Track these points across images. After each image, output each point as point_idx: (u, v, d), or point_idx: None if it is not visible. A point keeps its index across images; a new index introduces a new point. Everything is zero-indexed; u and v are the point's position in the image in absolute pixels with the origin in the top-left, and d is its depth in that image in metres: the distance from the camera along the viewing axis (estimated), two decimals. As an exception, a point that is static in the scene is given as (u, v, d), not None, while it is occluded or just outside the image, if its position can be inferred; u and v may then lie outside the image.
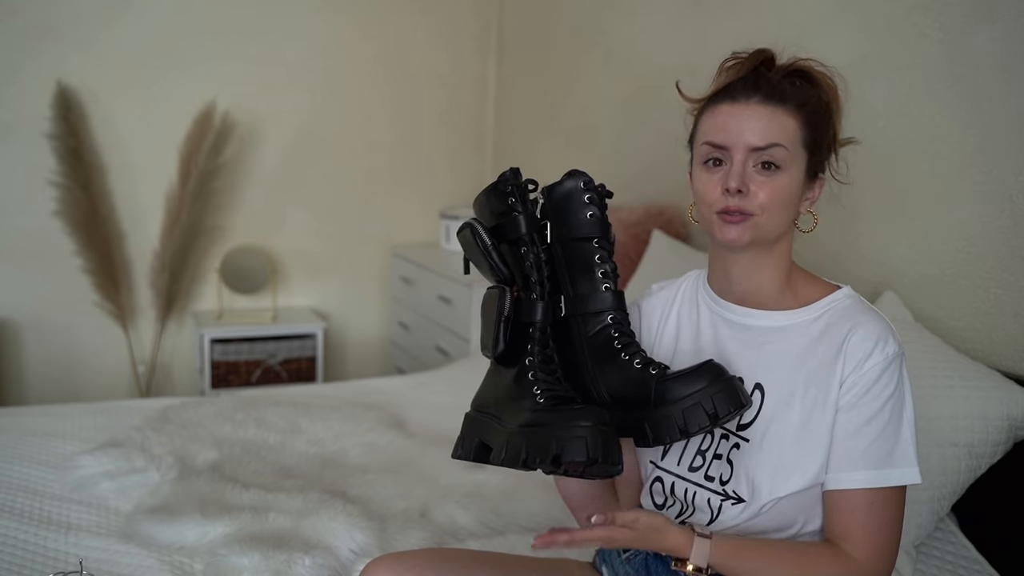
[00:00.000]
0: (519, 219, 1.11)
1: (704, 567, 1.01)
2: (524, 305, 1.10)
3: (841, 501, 1.04)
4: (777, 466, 1.05)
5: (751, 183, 1.05)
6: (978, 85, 1.67)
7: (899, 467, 1.04)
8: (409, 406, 2.36)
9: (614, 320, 1.10)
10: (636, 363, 1.06)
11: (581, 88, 3.10)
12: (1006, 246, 1.62)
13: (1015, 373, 1.57)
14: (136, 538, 1.57)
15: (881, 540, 1.03)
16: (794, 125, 1.06)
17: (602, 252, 1.11)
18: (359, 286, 3.70)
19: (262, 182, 3.45)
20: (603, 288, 1.11)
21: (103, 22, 3.13)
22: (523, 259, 1.11)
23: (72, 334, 3.27)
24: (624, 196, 2.81)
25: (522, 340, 1.10)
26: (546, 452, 0.96)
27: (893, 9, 1.84)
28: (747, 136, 1.05)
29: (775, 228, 1.08)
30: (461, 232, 1.16)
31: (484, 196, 1.15)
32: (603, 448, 0.96)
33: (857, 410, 1.04)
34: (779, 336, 1.10)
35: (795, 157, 1.06)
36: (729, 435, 1.10)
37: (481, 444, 1.11)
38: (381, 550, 1.52)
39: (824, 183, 1.13)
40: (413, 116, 3.62)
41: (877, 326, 1.06)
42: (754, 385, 1.10)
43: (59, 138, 3.04)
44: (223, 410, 2.16)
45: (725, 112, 1.08)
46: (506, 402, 1.08)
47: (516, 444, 1.00)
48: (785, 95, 1.07)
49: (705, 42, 2.44)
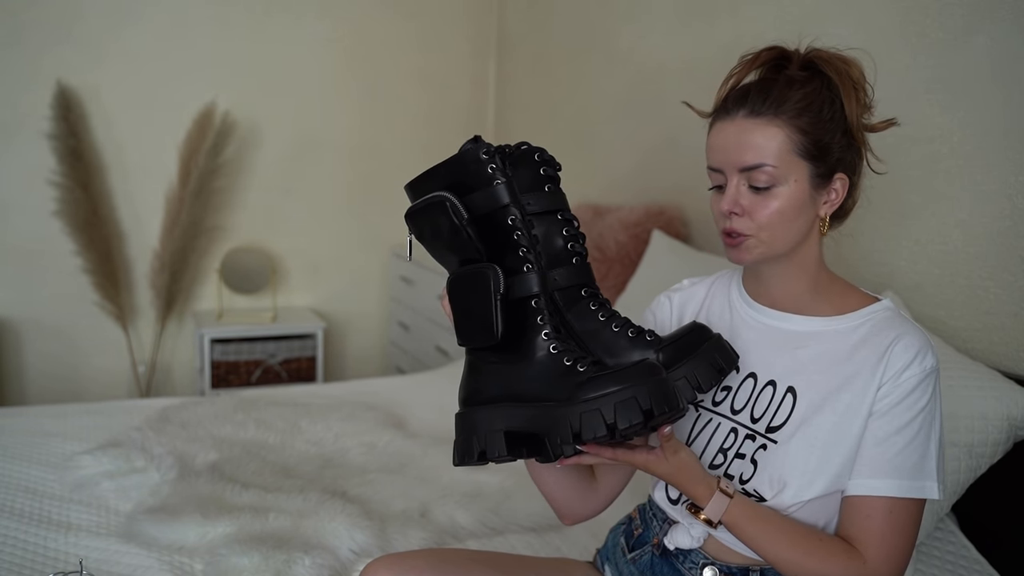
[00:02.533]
0: (501, 188, 1.00)
1: (715, 522, 1.03)
2: (515, 280, 1.00)
3: (860, 505, 1.04)
4: (804, 470, 1.05)
5: (745, 202, 1.05)
6: (977, 85, 1.67)
7: (922, 480, 1.03)
8: (409, 406, 2.36)
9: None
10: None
11: (581, 88, 3.10)
12: (1006, 246, 1.62)
13: (1015, 373, 1.57)
14: (136, 538, 1.57)
15: (893, 547, 1.02)
16: (782, 136, 1.02)
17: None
18: (359, 286, 3.70)
19: (262, 182, 3.45)
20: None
21: (103, 22, 3.13)
22: (509, 230, 1.00)
23: (72, 334, 3.27)
24: (624, 196, 2.81)
25: (516, 319, 1.00)
26: (634, 411, 0.90)
27: (893, 9, 1.84)
28: (732, 156, 1.04)
29: (782, 243, 1.06)
30: (420, 213, 1.03)
31: (442, 172, 1.03)
32: (681, 393, 0.99)
33: (889, 418, 1.04)
34: (815, 341, 1.09)
35: (789, 170, 1.03)
36: (756, 435, 1.09)
37: (512, 436, 0.98)
38: (381, 550, 1.52)
39: (847, 181, 1.07)
40: (412, 117, 3.62)
41: (919, 339, 1.05)
42: (787, 388, 1.09)
43: (59, 138, 3.04)
44: (223, 410, 2.16)
45: (716, 131, 1.07)
46: (531, 385, 0.98)
47: (591, 415, 0.91)
48: (776, 102, 1.03)
49: (705, 42, 2.44)
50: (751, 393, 1.11)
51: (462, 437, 1.02)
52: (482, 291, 0.98)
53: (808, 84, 1.04)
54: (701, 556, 1.12)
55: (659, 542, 1.16)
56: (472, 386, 1.04)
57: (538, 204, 1.04)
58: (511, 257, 1.01)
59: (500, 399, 1.00)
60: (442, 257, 1.06)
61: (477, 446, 0.99)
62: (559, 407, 0.94)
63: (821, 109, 1.04)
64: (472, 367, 1.04)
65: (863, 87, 1.06)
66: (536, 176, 1.05)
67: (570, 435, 0.92)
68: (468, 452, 1.00)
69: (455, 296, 1.02)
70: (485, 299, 0.98)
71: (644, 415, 0.91)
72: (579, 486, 1.18)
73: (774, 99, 1.03)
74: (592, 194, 2.97)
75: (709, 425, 1.13)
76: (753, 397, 1.11)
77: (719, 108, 1.08)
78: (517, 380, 0.99)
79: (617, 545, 1.24)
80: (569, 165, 3.24)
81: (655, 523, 1.18)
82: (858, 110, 1.06)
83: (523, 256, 1.00)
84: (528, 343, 0.99)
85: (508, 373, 1.00)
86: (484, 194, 1.00)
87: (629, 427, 0.90)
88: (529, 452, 0.98)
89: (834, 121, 1.05)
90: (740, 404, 1.12)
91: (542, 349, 0.98)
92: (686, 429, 1.15)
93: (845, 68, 1.05)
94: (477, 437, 1.00)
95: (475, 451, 0.99)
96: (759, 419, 1.09)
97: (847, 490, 1.05)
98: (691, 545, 1.12)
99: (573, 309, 1.06)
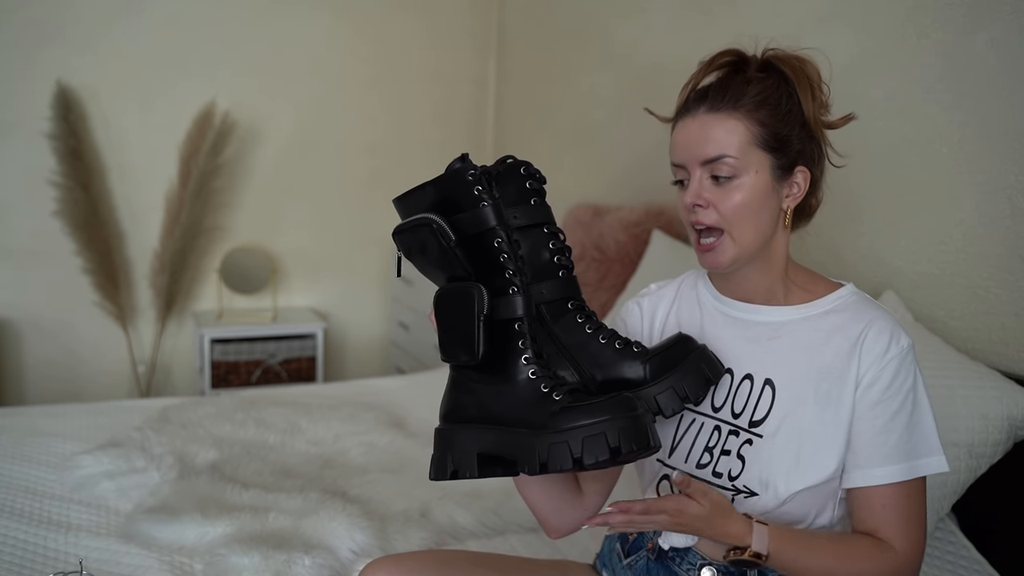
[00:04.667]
0: (487, 210, 1.01)
1: (765, 554, 1.01)
2: (500, 301, 1.00)
3: (874, 496, 1.05)
4: (792, 461, 1.06)
5: (708, 195, 1.06)
6: (978, 85, 1.67)
7: (926, 456, 1.05)
8: (409, 406, 2.36)
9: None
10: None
11: (581, 88, 3.10)
12: (1006, 246, 1.62)
13: (1015, 373, 1.57)
14: (136, 538, 1.57)
15: (917, 528, 1.05)
16: (741, 128, 1.05)
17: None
18: (359, 286, 3.70)
19: (262, 182, 3.45)
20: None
21: (103, 22, 3.13)
22: (495, 252, 1.01)
23: (72, 334, 3.27)
24: (624, 196, 2.81)
25: (498, 340, 1.01)
26: (601, 448, 0.91)
27: (893, 9, 1.84)
28: (693, 150, 1.06)
29: (751, 238, 1.08)
30: (408, 232, 1.03)
31: (429, 190, 1.03)
32: (653, 432, 0.97)
33: (882, 406, 1.05)
34: (786, 331, 1.11)
35: (750, 161, 1.05)
36: (740, 431, 1.10)
37: (484, 457, 1.00)
38: (381, 550, 1.52)
39: (809, 174, 1.09)
40: (413, 116, 3.62)
41: (888, 321, 1.07)
42: (764, 381, 1.10)
43: (59, 138, 3.04)
44: (223, 410, 2.16)
45: (679, 129, 1.10)
46: (507, 408, 0.99)
47: (559, 447, 0.93)
48: (735, 97, 1.05)
49: (704, 42, 2.42)
50: (729, 389, 1.12)
51: (438, 454, 1.04)
52: (466, 310, 0.99)
53: (765, 81, 1.07)
54: (698, 556, 1.12)
55: (654, 545, 1.16)
56: (452, 403, 1.05)
57: (524, 217, 1.06)
58: (497, 278, 1.01)
59: (477, 419, 1.01)
60: (430, 273, 1.07)
61: (451, 465, 1.02)
62: (530, 436, 0.96)
63: (779, 102, 1.06)
64: (454, 383, 1.05)
65: (819, 84, 1.09)
66: (522, 190, 1.07)
67: (537, 465, 0.94)
68: (442, 469, 1.03)
69: (440, 312, 1.03)
70: (468, 318, 0.99)
71: (611, 452, 0.92)
72: (564, 498, 1.17)
73: (732, 94, 1.06)
74: (592, 194, 2.97)
75: (693, 425, 1.14)
76: (732, 393, 1.12)
77: (680, 109, 1.11)
78: (495, 402, 1.00)
79: (613, 551, 1.24)
80: (569, 165, 3.25)
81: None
82: (814, 106, 1.08)
83: (508, 279, 1.01)
84: (509, 366, 1.00)
85: (487, 394, 1.01)
86: (471, 216, 1.01)
87: (595, 463, 0.92)
88: (504, 471, 1.01)
89: (792, 114, 1.07)
90: (720, 401, 1.12)
91: (522, 373, 1.00)
92: (671, 432, 1.16)
93: (800, 65, 1.08)
94: (452, 456, 1.02)
95: (448, 469, 1.02)
96: (740, 414, 1.10)
97: (854, 483, 1.05)
98: (685, 544, 1.12)
99: (560, 322, 1.07)
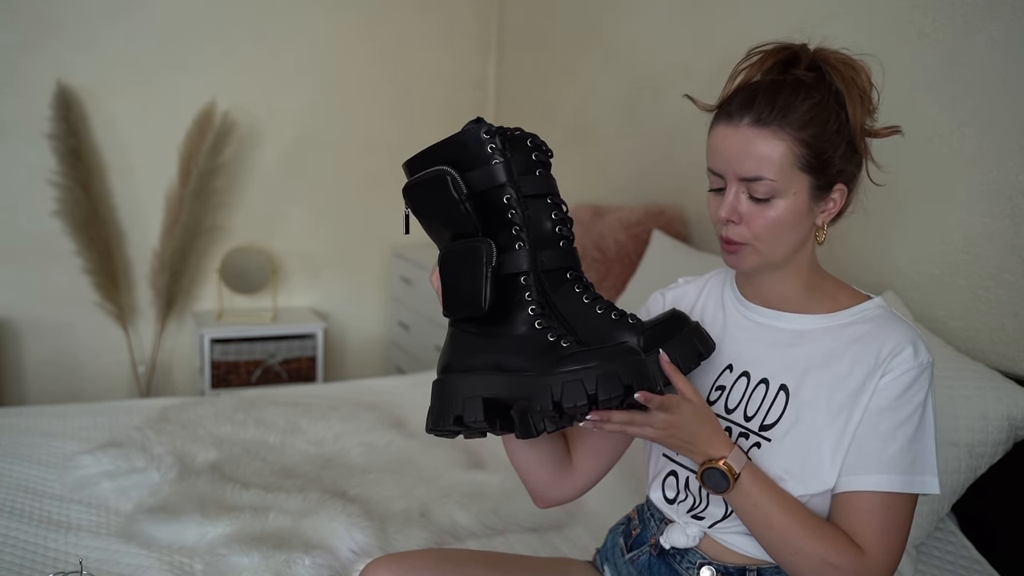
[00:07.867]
0: (499, 167, 1.03)
1: (737, 472, 1.02)
2: (506, 256, 1.03)
3: (857, 500, 1.03)
4: (798, 468, 1.05)
5: (744, 210, 1.05)
6: (978, 85, 1.67)
7: (921, 475, 1.03)
8: (409, 406, 2.36)
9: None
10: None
11: (581, 88, 3.10)
12: (1006, 246, 1.62)
13: (1015, 373, 1.57)
14: (136, 538, 1.57)
15: (893, 541, 1.03)
16: (784, 148, 1.01)
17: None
18: (359, 286, 3.70)
19: (262, 182, 3.45)
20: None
21: (103, 22, 3.13)
22: (504, 208, 1.03)
23: (72, 334, 3.27)
24: (624, 196, 2.81)
25: (504, 293, 1.02)
26: (615, 385, 0.92)
27: (893, 9, 1.84)
28: (734, 165, 1.04)
29: (778, 252, 1.07)
30: (419, 187, 1.05)
31: (442, 149, 1.05)
32: (659, 374, 1.00)
33: (889, 414, 1.03)
34: (807, 339, 1.10)
35: (789, 184, 1.03)
36: (749, 434, 1.09)
37: (490, 404, 0.99)
38: (381, 550, 1.52)
39: (846, 191, 1.08)
40: (413, 116, 3.62)
41: (911, 335, 1.05)
42: (779, 386, 1.09)
43: (59, 138, 3.04)
44: (223, 410, 2.16)
45: (720, 134, 1.06)
46: (514, 357, 0.99)
47: (573, 385, 0.92)
48: (782, 111, 1.02)
49: (705, 42, 2.44)
50: (744, 392, 1.11)
51: (439, 402, 1.03)
52: (474, 263, 1.00)
53: (815, 92, 1.04)
54: (698, 556, 1.12)
55: (656, 542, 1.16)
56: (453, 355, 1.04)
57: (529, 187, 1.07)
58: (504, 234, 1.03)
59: (481, 368, 1.01)
60: (436, 232, 1.07)
61: (454, 410, 1.00)
62: (543, 375, 0.95)
63: (827, 120, 1.03)
64: (454, 338, 1.06)
65: (869, 93, 1.06)
66: (529, 160, 1.07)
67: (550, 402, 0.94)
68: (444, 416, 1.01)
69: (446, 269, 1.04)
70: (476, 271, 1.00)
71: (624, 389, 0.93)
72: (555, 467, 1.17)
73: (780, 107, 1.02)
74: (592, 194, 2.97)
75: None
76: (746, 396, 1.11)
77: (723, 108, 1.07)
78: (499, 352, 1.00)
79: (616, 545, 1.24)
80: (569, 165, 3.25)
81: (652, 523, 1.19)
82: (863, 115, 1.05)
83: (516, 234, 1.03)
84: (513, 318, 1.01)
85: (490, 345, 1.01)
86: (482, 172, 1.03)
87: (609, 399, 0.92)
88: (503, 427, 1.00)
89: (839, 134, 1.04)
90: (734, 403, 1.12)
91: (527, 324, 1.00)
92: None
93: (852, 75, 1.05)
94: (455, 402, 1.01)
95: (451, 415, 1.01)
96: (752, 417, 1.10)
97: (840, 486, 1.04)
98: (687, 544, 1.12)
99: (559, 291, 1.08)
